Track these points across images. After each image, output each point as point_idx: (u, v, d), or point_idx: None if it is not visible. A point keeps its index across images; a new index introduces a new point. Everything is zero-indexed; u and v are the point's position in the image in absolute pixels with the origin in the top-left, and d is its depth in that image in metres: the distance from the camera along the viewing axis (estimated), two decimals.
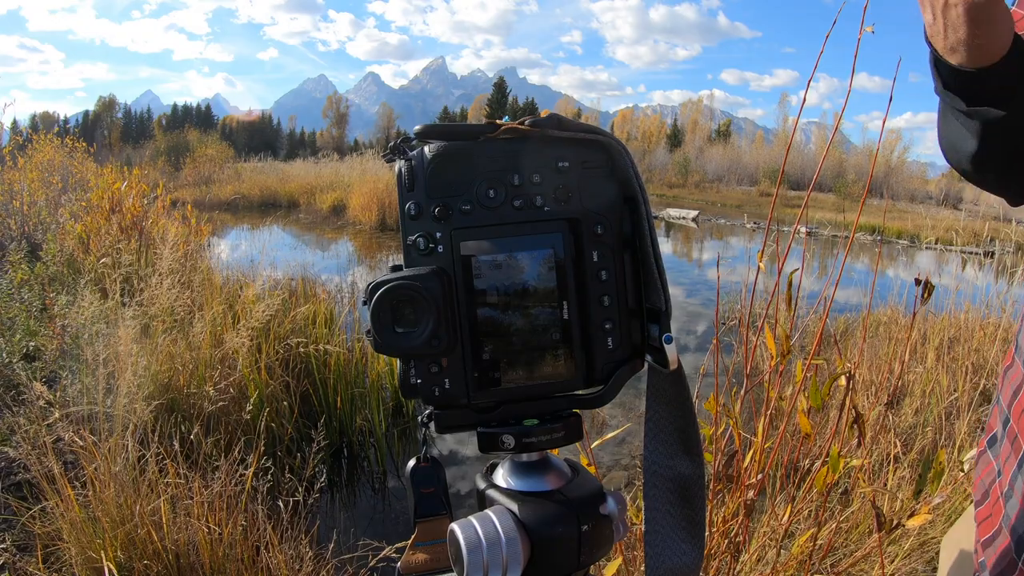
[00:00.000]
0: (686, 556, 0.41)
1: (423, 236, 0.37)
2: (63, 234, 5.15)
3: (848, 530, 1.98)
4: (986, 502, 0.58)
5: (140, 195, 5.78)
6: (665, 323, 0.38)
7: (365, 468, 3.25)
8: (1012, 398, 0.56)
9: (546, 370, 0.38)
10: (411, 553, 0.43)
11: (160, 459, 1.97)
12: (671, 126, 64.95)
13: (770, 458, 1.38)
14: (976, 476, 0.61)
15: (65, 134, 10.36)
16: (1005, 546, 0.51)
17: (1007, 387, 0.58)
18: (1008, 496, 0.52)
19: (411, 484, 0.44)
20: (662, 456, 0.41)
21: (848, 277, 6.14)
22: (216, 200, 17.21)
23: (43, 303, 3.43)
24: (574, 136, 0.38)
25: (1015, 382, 0.55)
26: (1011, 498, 0.52)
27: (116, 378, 2.30)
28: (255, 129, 77.96)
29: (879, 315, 4.59)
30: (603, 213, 0.38)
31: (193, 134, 46.75)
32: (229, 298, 3.79)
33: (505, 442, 0.39)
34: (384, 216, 12.63)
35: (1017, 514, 0.50)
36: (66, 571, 1.83)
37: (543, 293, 0.37)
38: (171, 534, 1.80)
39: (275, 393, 3.00)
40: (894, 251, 12.30)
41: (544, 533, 0.37)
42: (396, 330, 0.36)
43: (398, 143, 0.39)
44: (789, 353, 1.28)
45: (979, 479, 0.61)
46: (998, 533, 0.53)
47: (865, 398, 3.02)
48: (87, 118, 75.43)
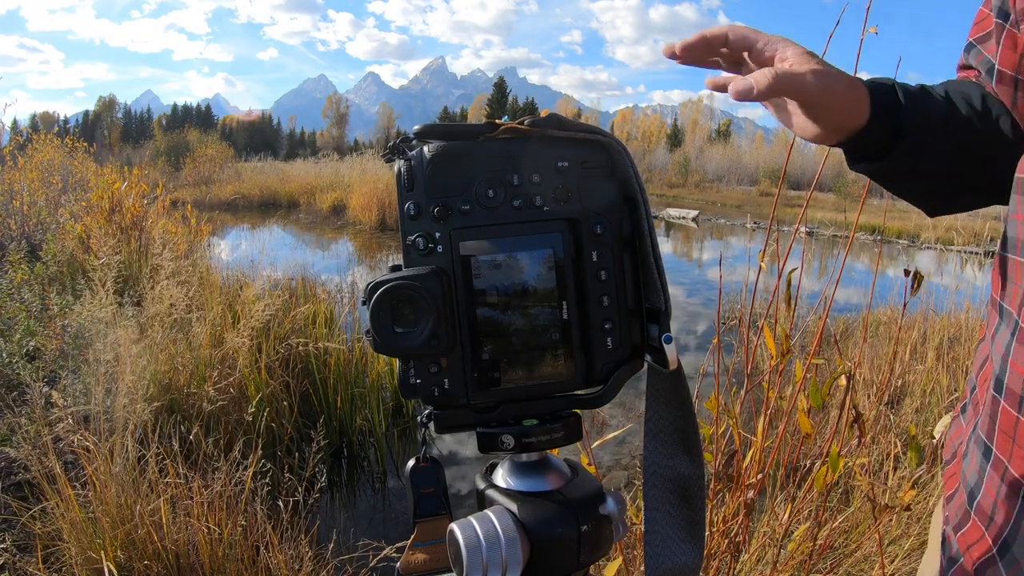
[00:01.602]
0: (686, 556, 0.41)
1: (422, 236, 0.37)
2: (63, 234, 5.15)
3: (848, 530, 1.98)
4: (952, 462, 0.60)
5: (140, 195, 5.78)
6: (665, 323, 0.38)
7: (365, 468, 3.25)
8: (979, 368, 0.58)
9: (546, 370, 0.38)
10: (411, 553, 0.43)
11: (160, 459, 1.97)
12: (671, 126, 65.01)
13: (770, 458, 1.38)
14: (947, 440, 0.64)
15: (65, 134, 10.35)
16: (960, 500, 0.53)
17: (977, 358, 0.60)
18: (966, 454, 0.54)
19: (410, 484, 0.44)
20: (662, 456, 0.41)
21: (848, 277, 6.14)
22: (216, 200, 17.21)
23: (43, 303, 3.43)
24: (574, 136, 0.38)
25: (984, 353, 0.57)
26: (967, 456, 0.54)
27: (116, 378, 2.30)
28: (255, 129, 78.02)
29: (879, 315, 4.59)
30: (603, 213, 0.38)
31: (193, 134, 46.76)
32: (229, 298, 3.79)
33: (505, 442, 0.39)
34: (384, 216, 12.63)
35: (970, 470, 0.52)
36: (66, 571, 1.83)
37: (543, 293, 0.37)
38: (171, 534, 1.80)
39: (275, 393, 3.00)
40: (894, 251, 12.30)
41: (543, 533, 0.37)
42: (395, 330, 0.36)
43: (397, 143, 0.39)
44: (789, 353, 1.28)
45: (950, 442, 0.63)
46: (957, 489, 0.55)
47: (865, 398, 3.02)
48: (87, 118, 75.52)
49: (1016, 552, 0.46)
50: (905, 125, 0.51)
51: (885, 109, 0.51)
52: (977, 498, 0.50)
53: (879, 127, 0.51)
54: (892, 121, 0.52)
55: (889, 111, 0.51)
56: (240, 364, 2.92)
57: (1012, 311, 0.47)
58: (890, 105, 0.52)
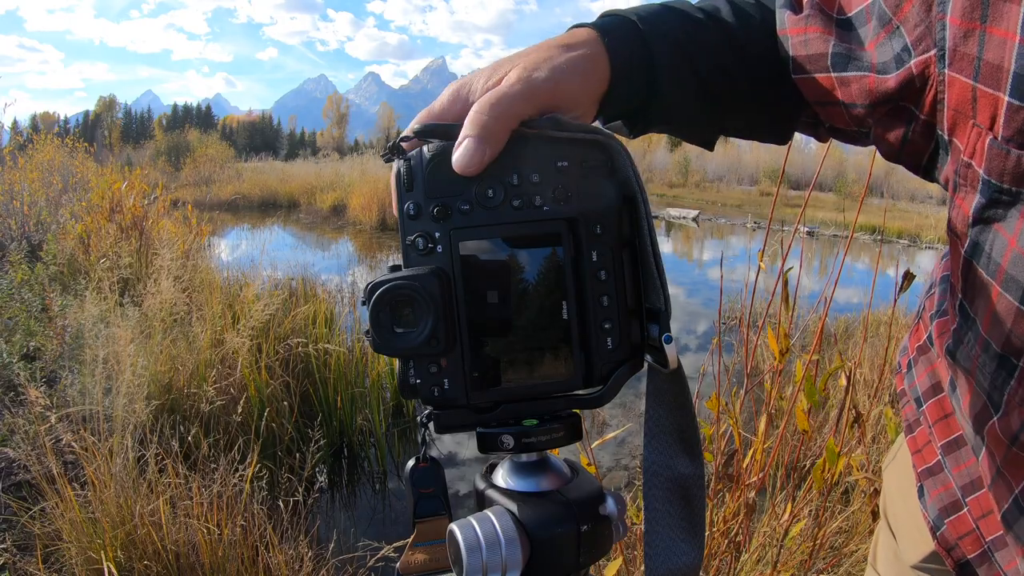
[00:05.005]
0: (686, 556, 0.41)
1: (422, 236, 0.37)
2: (63, 234, 5.15)
3: (848, 530, 1.98)
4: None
5: (140, 195, 5.78)
6: (665, 323, 0.38)
7: (365, 468, 3.25)
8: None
9: (545, 370, 0.38)
10: (410, 553, 0.43)
11: (160, 459, 1.97)
12: None
13: (770, 458, 1.38)
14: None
15: (65, 134, 10.35)
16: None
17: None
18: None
19: (410, 484, 0.44)
20: (662, 456, 0.41)
21: (848, 277, 6.14)
22: (216, 200, 17.19)
23: (43, 303, 3.43)
24: (573, 136, 0.38)
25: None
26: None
27: (116, 378, 2.30)
28: (255, 129, 78.12)
29: (879, 315, 4.59)
30: (602, 213, 0.38)
31: (193, 134, 46.78)
32: (229, 298, 3.79)
33: (504, 442, 0.39)
34: (384, 216, 12.61)
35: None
36: (66, 571, 1.83)
37: (542, 293, 0.37)
38: (171, 534, 1.80)
39: (275, 393, 3.00)
40: (894, 251, 12.30)
41: (543, 534, 0.37)
42: (395, 330, 0.36)
43: (396, 143, 0.38)
44: (788, 352, 1.28)
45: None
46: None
47: (866, 397, 3.02)
48: (87, 118, 75.63)
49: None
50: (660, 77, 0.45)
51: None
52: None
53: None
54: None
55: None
56: (240, 364, 2.92)
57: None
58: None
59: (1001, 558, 0.48)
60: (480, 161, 0.36)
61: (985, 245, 0.37)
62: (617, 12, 0.47)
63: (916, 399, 0.58)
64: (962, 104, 0.37)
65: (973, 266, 0.39)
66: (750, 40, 0.48)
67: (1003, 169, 0.35)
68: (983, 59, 0.35)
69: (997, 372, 0.39)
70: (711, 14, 0.48)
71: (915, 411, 0.59)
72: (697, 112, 0.48)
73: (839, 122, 0.49)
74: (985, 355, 0.39)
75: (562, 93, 0.40)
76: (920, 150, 0.44)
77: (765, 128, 0.54)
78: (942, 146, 0.42)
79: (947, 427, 0.54)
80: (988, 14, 0.35)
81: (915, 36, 0.40)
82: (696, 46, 0.46)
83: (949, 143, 0.40)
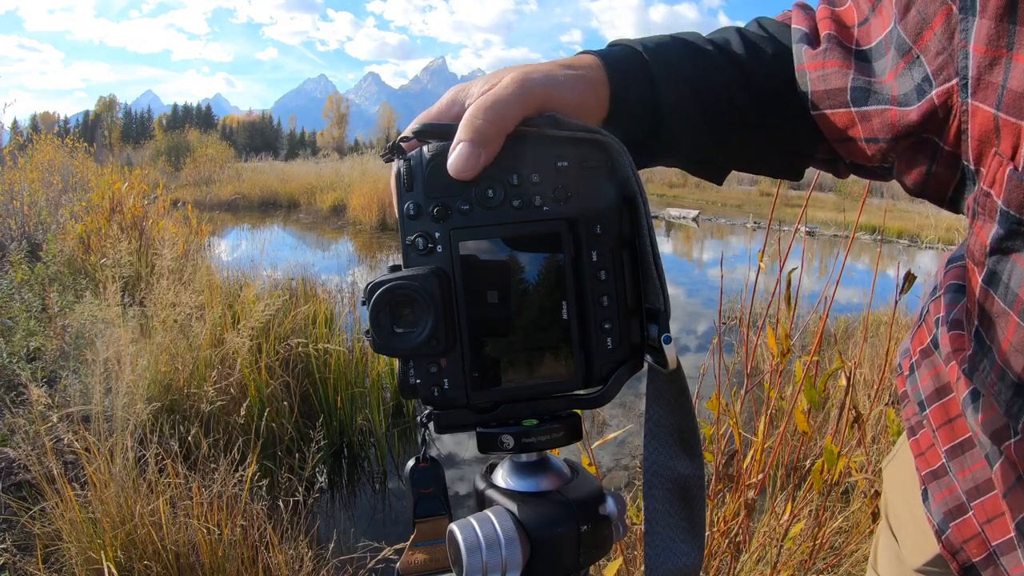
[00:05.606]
0: (686, 556, 0.41)
1: (422, 236, 0.37)
2: (63, 234, 5.15)
3: (848, 530, 1.98)
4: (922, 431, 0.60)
5: (140, 195, 5.79)
6: (664, 323, 0.38)
7: (365, 468, 3.25)
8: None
9: (545, 370, 0.38)
10: (410, 553, 0.43)
11: (160, 459, 1.97)
12: None
13: (770, 458, 1.38)
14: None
15: (65, 134, 10.35)
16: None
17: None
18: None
19: (410, 484, 0.44)
20: (662, 456, 0.41)
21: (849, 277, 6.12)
22: (216, 200, 17.18)
23: (43, 303, 3.43)
24: (573, 135, 0.38)
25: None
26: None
27: (116, 378, 2.30)
28: (255, 129, 78.14)
29: (880, 315, 4.58)
30: (602, 213, 0.38)
31: (193, 134, 46.71)
32: (229, 298, 3.79)
33: (504, 442, 0.38)
34: (384, 216, 12.62)
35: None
36: (66, 571, 1.83)
37: (542, 293, 0.37)
38: (171, 534, 1.80)
39: (275, 393, 3.00)
40: (895, 251, 12.30)
41: (543, 534, 0.37)
42: (395, 330, 0.36)
43: (396, 143, 0.38)
44: (789, 352, 1.28)
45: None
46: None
47: (866, 398, 3.02)
48: (87, 118, 75.65)
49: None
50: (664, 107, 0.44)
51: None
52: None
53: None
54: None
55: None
56: (240, 364, 2.92)
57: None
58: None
59: (1007, 562, 0.48)
60: (475, 165, 0.36)
61: (1003, 274, 0.37)
62: (624, 42, 0.47)
63: (919, 403, 0.58)
64: (986, 134, 0.36)
65: (990, 295, 0.38)
66: (760, 74, 0.47)
67: (1022, 201, 0.34)
68: (1007, 87, 0.34)
69: (1013, 400, 0.38)
70: (721, 47, 0.47)
71: (918, 414, 0.59)
72: (705, 147, 0.48)
73: (860, 158, 0.48)
74: (1001, 383, 0.39)
75: (556, 101, 0.39)
76: (945, 184, 0.43)
77: (776, 164, 0.53)
78: (968, 176, 0.41)
79: (951, 431, 0.54)
80: (1015, 41, 0.34)
81: (936, 65, 0.39)
82: (704, 80, 0.45)
83: (976, 172, 0.39)
